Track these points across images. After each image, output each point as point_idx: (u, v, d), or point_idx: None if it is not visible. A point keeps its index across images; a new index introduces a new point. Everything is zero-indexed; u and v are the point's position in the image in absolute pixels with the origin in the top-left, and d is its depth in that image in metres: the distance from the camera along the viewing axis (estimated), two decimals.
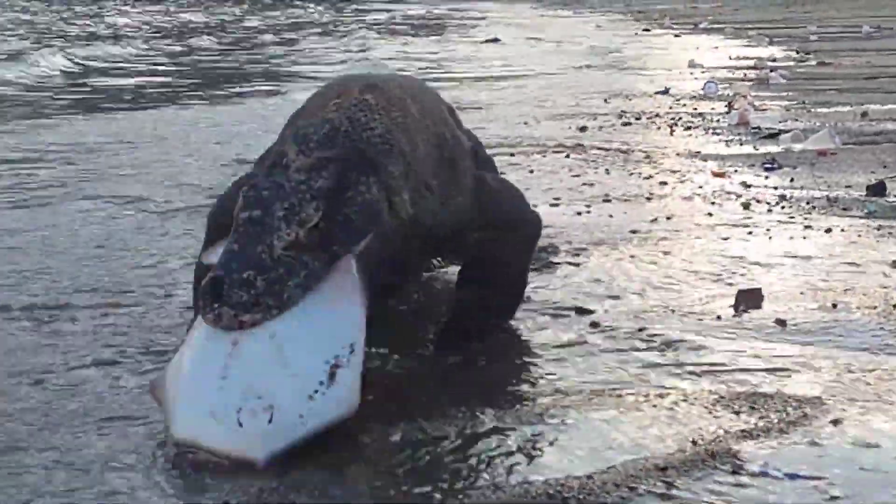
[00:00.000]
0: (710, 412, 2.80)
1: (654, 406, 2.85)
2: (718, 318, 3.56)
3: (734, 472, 2.46)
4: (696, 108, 8.89)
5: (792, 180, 5.80)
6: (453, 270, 3.73)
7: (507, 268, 3.36)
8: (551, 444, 2.66)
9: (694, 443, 2.62)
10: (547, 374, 3.13)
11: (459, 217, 3.17)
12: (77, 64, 13.94)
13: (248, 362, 2.45)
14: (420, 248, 3.10)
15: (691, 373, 3.11)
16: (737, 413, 2.78)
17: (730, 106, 8.57)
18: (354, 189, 2.71)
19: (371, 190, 2.74)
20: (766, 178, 5.91)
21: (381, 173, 2.79)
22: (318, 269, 2.60)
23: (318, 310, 2.55)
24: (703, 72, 11.66)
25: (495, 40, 16.14)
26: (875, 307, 3.63)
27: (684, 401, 2.88)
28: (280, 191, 2.63)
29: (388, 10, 26.56)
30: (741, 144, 7.11)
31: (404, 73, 3.71)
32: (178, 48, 17.01)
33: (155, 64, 14.15)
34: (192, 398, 2.46)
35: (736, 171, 6.11)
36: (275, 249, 2.55)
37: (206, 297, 2.49)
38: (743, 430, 2.67)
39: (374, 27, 22.13)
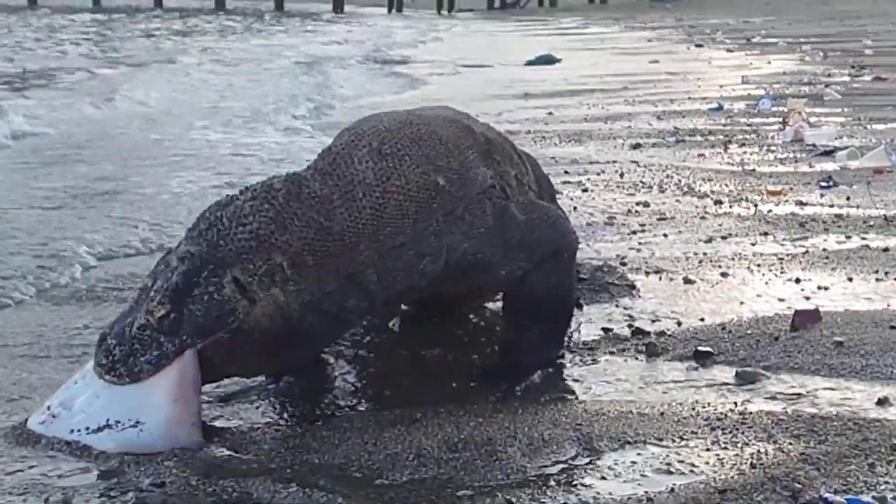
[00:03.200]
0: (770, 435, 2.80)
1: (713, 429, 2.86)
2: (776, 338, 3.56)
3: (793, 497, 2.46)
4: (749, 125, 8.85)
5: (848, 199, 5.77)
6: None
7: (549, 298, 3.35)
8: (610, 467, 2.67)
9: (752, 466, 2.63)
10: (602, 395, 3.15)
11: (475, 262, 3.17)
12: None
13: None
14: (433, 290, 3.18)
15: (749, 393, 3.12)
16: (796, 437, 2.78)
17: (784, 122, 8.52)
18: (203, 288, 2.80)
19: (221, 290, 2.81)
20: (822, 196, 5.89)
21: (236, 271, 2.83)
22: (171, 351, 2.78)
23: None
24: (756, 88, 11.59)
25: (552, 61, 16.06)
26: None
27: (743, 423, 2.88)
28: (162, 271, 2.86)
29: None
30: (796, 162, 7.08)
31: (434, 106, 3.69)
32: None
33: None
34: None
35: (791, 189, 6.09)
36: (133, 327, 2.80)
37: (96, 346, 2.87)
38: (803, 454, 2.67)
39: None
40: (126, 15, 34.23)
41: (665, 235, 5.07)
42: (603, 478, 2.62)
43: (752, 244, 4.86)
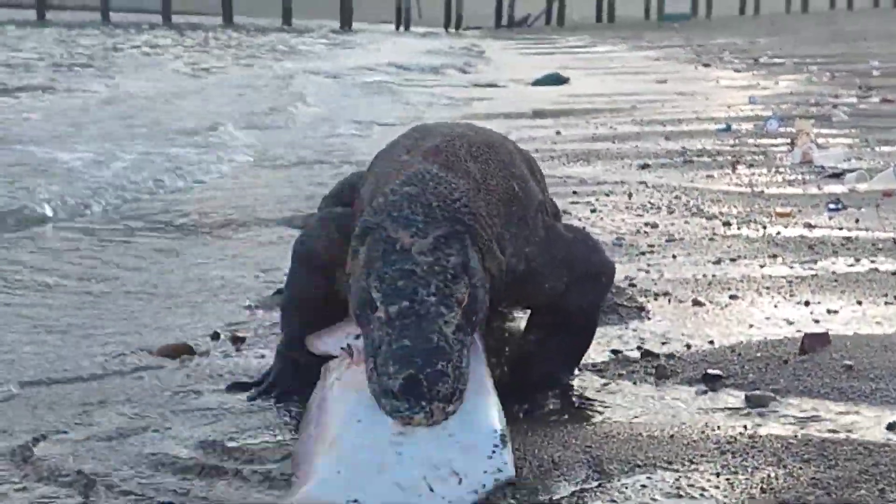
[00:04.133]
0: (779, 459, 2.80)
1: (723, 452, 2.86)
2: (785, 362, 3.56)
3: None
4: (757, 146, 8.86)
5: (857, 221, 5.77)
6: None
7: (578, 316, 3.36)
8: (620, 490, 2.67)
9: (763, 490, 2.63)
10: (612, 417, 3.15)
11: (530, 268, 3.20)
12: None
13: (418, 440, 2.56)
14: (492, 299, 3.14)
15: (759, 417, 3.11)
16: (806, 461, 2.78)
17: (792, 143, 8.52)
18: (472, 258, 2.78)
19: (475, 254, 2.82)
20: (831, 218, 5.89)
21: (477, 239, 2.86)
22: (469, 341, 2.68)
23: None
24: (764, 108, 11.61)
25: (560, 81, 16.06)
26: None
27: (753, 447, 2.88)
28: (414, 277, 2.66)
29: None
30: (804, 184, 7.08)
31: (471, 123, 3.73)
32: None
33: None
34: (364, 472, 2.55)
35: (800, 211, 6.09)
36: (447, 335, 2.58)
37: (408, 399, 2.49)
38: (813, 479, 2.67)
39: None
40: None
41: (674, 257, 5.08)
42: (613, 501, 2.62)
43: (761, 266, 4.86)
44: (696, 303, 4.28)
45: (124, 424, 3.19)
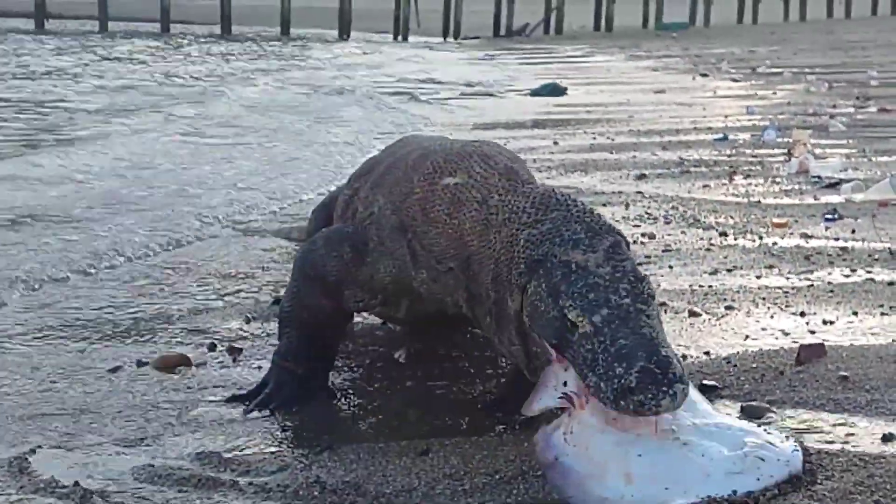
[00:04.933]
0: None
1: None
2: (781, 373, 3.56)
3: None
4: (755, 156, 8.87)
5: (853, 232, 5.78)
6: None
7: None
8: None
9: (756, 501, 2.63)
10: None
11: None
12: None
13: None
14: None
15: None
16: (802, 472, 2.78)
17: (789, 154, 8.54)
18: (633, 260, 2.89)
19: None
20: (827, 228, 5.90)
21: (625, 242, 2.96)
22: None
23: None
24: (761, 118, 11.63)
25: (558, 91, 16.05)
26: None
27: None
28: (600, 287, 2.72)
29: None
30: (801, 194, 7.09)
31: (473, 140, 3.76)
32: None
33: None
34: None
35: (797, 221, 6.10)
36: (655, 327, 2.68)
37: (651, 388, 2.55)
38: (808, 490, 2.67)
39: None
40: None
41: (671, 267, 5.09)
42: None
43: (758, 277, 4.87)
44: (693, 313, 4.29)
45: (121, 436, 3.20)
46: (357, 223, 3.47)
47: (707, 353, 3.81)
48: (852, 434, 3.07)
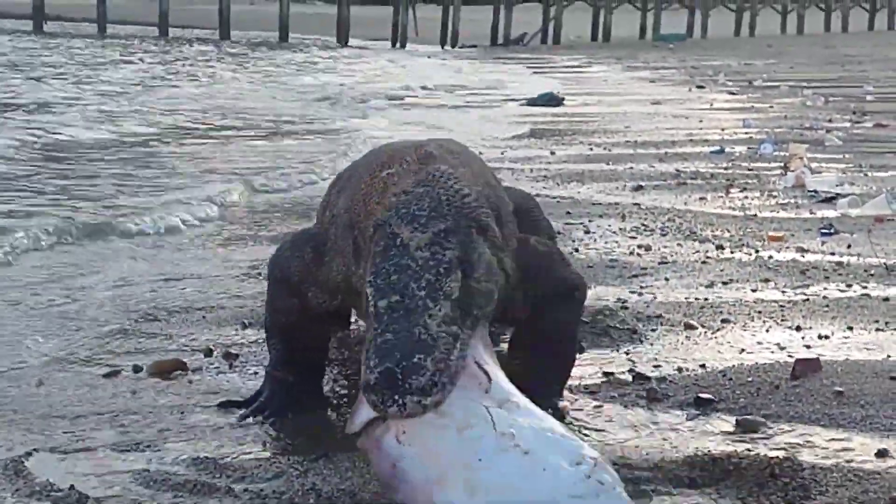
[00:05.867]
0: (770, 484, 2.81)
1: (714, 477, 2.87)
2: (776, 387, 3.57)
3: None
4: (751, 169, 8.89)
5: (849, 247, 5.80)
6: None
7: (555, 334, 3.38)
8: None
9: None
10: (604, 439, 3.16)
11: (506, 278, 3.16)
12: None
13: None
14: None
15: (750, 442, 3.12)
16: (797, 487, 2.79)
17: (785, 168, 8.56)
18: (476, 252, 2.80)
19: (486, 252, 2.85)
20: (823, 243, 5.91)
21: (487, 234, 2.90)
22: (468, 336, 2.67)
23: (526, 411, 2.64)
24: (758, 132, 11.65)
25: (555, 101, 16.04)
26: None
27: (743, 472, 2.89)
28: (409, 271, 2.67)
29: None
30: (797, 208, 7.11)
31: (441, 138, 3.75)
32: None
33: None
34: None
35: (793, 235, 6.12)
36: (430, 329, 2.58)
37: (384, 392, 2.49)
38: None
39: None
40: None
41: (666, 279, 5.10)
42: None
43: (753, 290, 4.88)
44: (689, 326, 4.30)
45: (117, 440, 3.20)
46: (324, 226, 3.47)
47: (703, 366, 3.82)
48: (847, 449, 3.07)
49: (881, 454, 3.01)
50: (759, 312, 4.49)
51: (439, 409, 2.52)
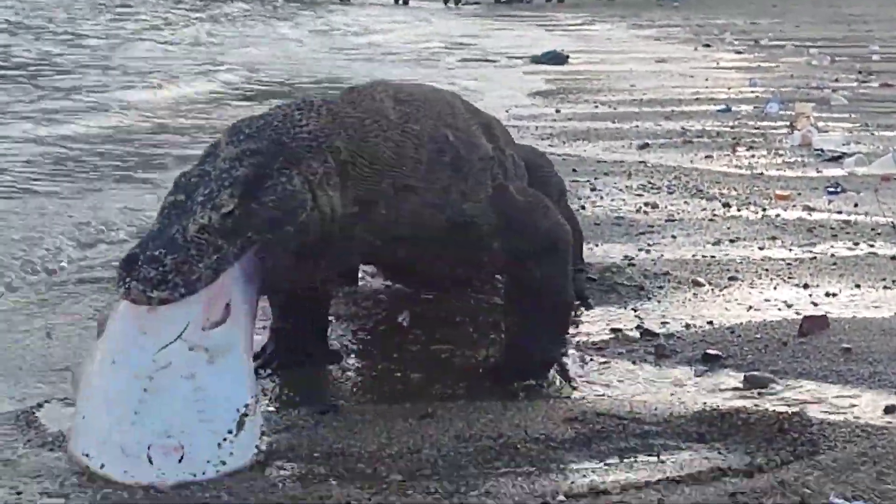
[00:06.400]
0: (779, 439, 2.82)
1: (722, 433, 2.88)
2: (784, 343, 3.58)
3: (802, 502, 2.48)
4: (757, 128, 8.87)
5: (856, 205, 5.79)
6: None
7: (544, 288, 3.32)
8: (618, 466, 2.70)
9: (760, 470, 2.65)
10: (611, 395, 3.17)
11: (470, 225, 3.18)
12: None
13: (163, 400, 2.54)
14: (419, 252, 3.15)
15: (758, 398, 3.14)
16: (805, 442, 2.80)
17: (791, 126, 8.53)
18: (274, 179, 2.79)
19: (292, 181, 2.81)
20: (830, 202, 5.90)
21: (302, 167, 2.84)
22: (231, 254, 2.68)
23: (229, 356, 2.62)
24: (763, 91, 11.61)
25: (560, 59, 15.95)
26: None
27: (752, 427, 2.89)
28: (205, 178, 2.75)
29: None
30: (804, 167, 7.09)
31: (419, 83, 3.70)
32: None
33: None
34: (99, 425, 2.56)
35: (799, 194, 6.10)
36: (188, 231, 2.65)
37: (120, 273, 2.60)
38: (811, 460, 2.69)
39: None
40: None
41: (673, 237, 5.10)
42: (614, 478, 2.63)
43: (761, 248, 4.88)
44: (696, 283, 4.30)
45: None
46: None
47: (710, 323, 3.82)
48: (855, 405, 3.09)
49: (889, 410, 3.02)
50: (767, 270, 4.49)
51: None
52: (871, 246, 4.91)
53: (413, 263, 3.31)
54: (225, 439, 2.56)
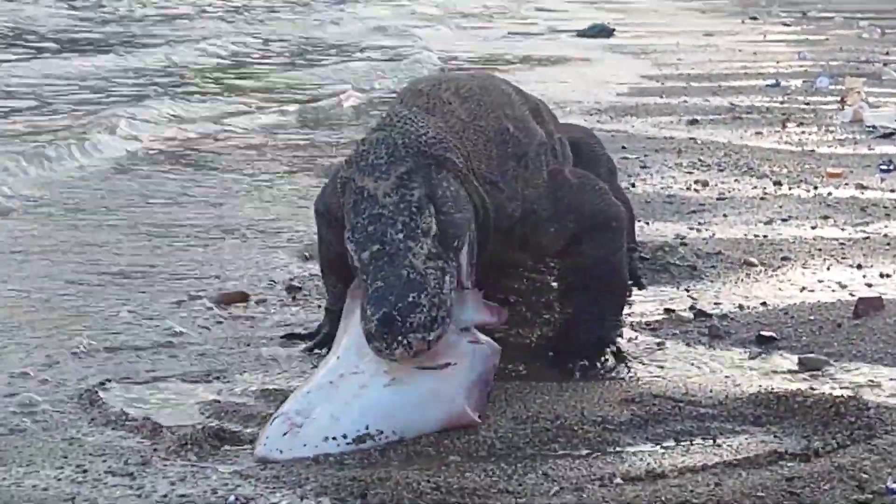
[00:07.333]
0: (834, 423, 2.81)
1: (777, 415, 2.88)
2: (839, 325, 3.57)
3: (859, 487, 2.48)
4: (807, 103, 8.78)
5: None
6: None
7: (599, 268, 3.33)
8: (674, 448, 2.71)
9: (816, 454, 2.65)
10: (667, 376, 3.18)
11: (531, 211, 3.21)
12: None
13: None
14: (495, 246, 3.15)
15: (813, 380, 3.13)
16: (861, 426, 2.79)
17: (842, 102, 8.44)
18: (440, 186, 2.83)
19: (450, 182, 2.87)
20: (883, 180, 5.85)
21: (449, 167, 2.90)
22: (454, 267, 2.74)
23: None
24: (813, 64, 11.48)
25: (606, 32, 15.85)
26: None
27: (808, 410, 2.88)
28: (383, 219, 2.72)
29: None
30: (855, 143, 7.03)
31: (473, 72, 3.69)
32: None
33: None
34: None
35: (851, 171, 6.05)
36: (417, 266, 2.65)
37: (385, 336, 2.57)
38: (868, 444, 2.68)
39: None
40: None
41: (725, 216, 5.08)
42: (671, 461, 2.64)
43: (813, 228, 4.86)
44: (748, 263, 4.29)
45: (186, 371, 3.26)
46: None
47: (764, 304, 3.82)
48: None
49: None
50: (820, 250, 4.47)
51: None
52: None
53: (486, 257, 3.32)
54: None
